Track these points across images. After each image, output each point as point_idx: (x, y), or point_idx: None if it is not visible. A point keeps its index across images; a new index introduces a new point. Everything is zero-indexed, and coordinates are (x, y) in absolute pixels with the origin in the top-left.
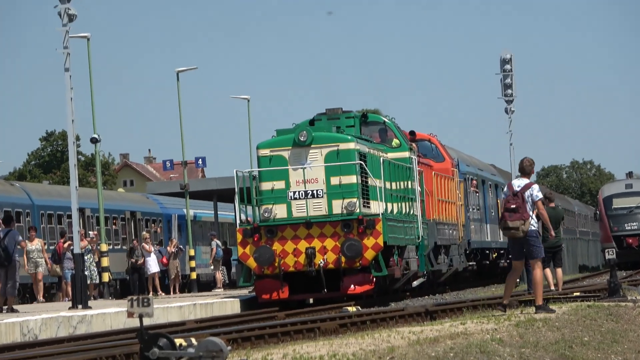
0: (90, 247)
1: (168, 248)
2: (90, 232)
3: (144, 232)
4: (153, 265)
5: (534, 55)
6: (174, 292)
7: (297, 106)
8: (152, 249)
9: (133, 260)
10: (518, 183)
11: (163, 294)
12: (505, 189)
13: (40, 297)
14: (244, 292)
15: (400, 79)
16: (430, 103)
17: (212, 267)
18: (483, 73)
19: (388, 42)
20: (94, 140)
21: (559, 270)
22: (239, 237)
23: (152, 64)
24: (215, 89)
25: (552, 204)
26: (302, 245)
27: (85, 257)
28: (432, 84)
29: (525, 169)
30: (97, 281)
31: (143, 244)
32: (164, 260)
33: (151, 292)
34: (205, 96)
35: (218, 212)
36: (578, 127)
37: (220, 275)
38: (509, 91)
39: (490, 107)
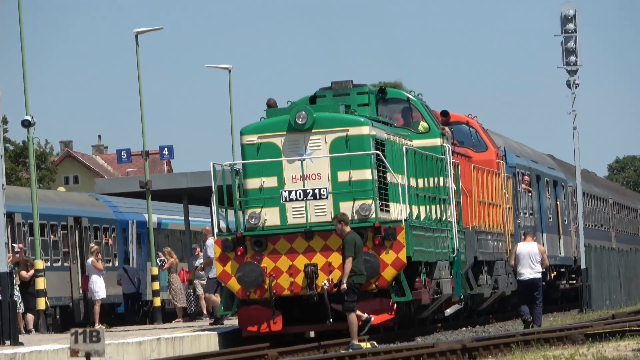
0: (11, 265)
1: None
2: (15, 245)
3: (92, 244)
4: (102, 288)
5: (605, 10)
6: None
7: (295, 79)
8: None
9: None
10: None
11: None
12: None
13: None
14: (224, 323)
15: (427, 46)
16: (468, 76)
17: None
18: (537, 35)
19: (411, 0)
20: (27, 124)
21: (352, 316)
22: (217, 250)
23: (104, 24)
24: (187, 56)
25: (348, 228)
26: (301, 261)
27: None
28: (470, 52)
29: None
30: (22, 310)
31: (92, 259)
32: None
33: (96, 324)
34: (172, 66)
35: (190, 218)
36: None
37: (217, 299)
38: (572, 58)
39: (546, 79)
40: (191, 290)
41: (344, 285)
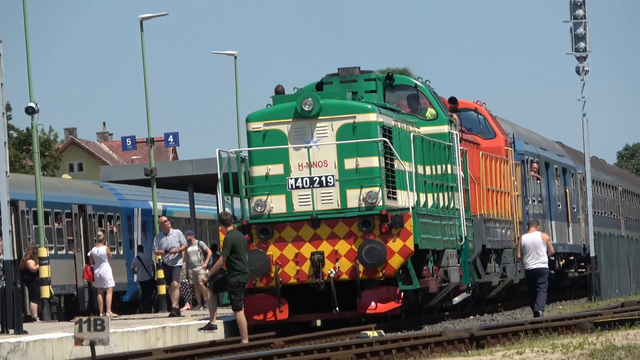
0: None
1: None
2: None
3: (100, 232)
4: (110, 276)
5: None
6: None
7: (301, 65)
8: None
9: None
10: None
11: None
12: None
13: None
14: (229, 311)
15: (435, 32)
16: (476, 63)
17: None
18: (546, 21)
19: None
20: (31, 111)
21: (240, 314)
22: (223, 238)
23: (109, 10)
24: (192, 42)
25: (231, 227)
26: (307, 249)
27: None
28: (478, 38)
29: None
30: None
31: (102, 246)
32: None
33: (108, 312)
34: (178, 52)
35: (195, 206)
36: None
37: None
38: (582, 44)
39: (555, 66)
40: (186, 280)
41: (204, 277)
